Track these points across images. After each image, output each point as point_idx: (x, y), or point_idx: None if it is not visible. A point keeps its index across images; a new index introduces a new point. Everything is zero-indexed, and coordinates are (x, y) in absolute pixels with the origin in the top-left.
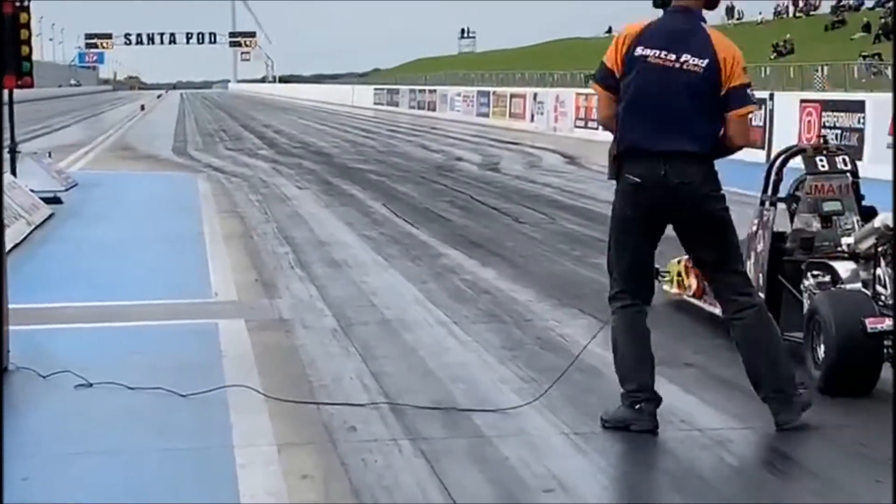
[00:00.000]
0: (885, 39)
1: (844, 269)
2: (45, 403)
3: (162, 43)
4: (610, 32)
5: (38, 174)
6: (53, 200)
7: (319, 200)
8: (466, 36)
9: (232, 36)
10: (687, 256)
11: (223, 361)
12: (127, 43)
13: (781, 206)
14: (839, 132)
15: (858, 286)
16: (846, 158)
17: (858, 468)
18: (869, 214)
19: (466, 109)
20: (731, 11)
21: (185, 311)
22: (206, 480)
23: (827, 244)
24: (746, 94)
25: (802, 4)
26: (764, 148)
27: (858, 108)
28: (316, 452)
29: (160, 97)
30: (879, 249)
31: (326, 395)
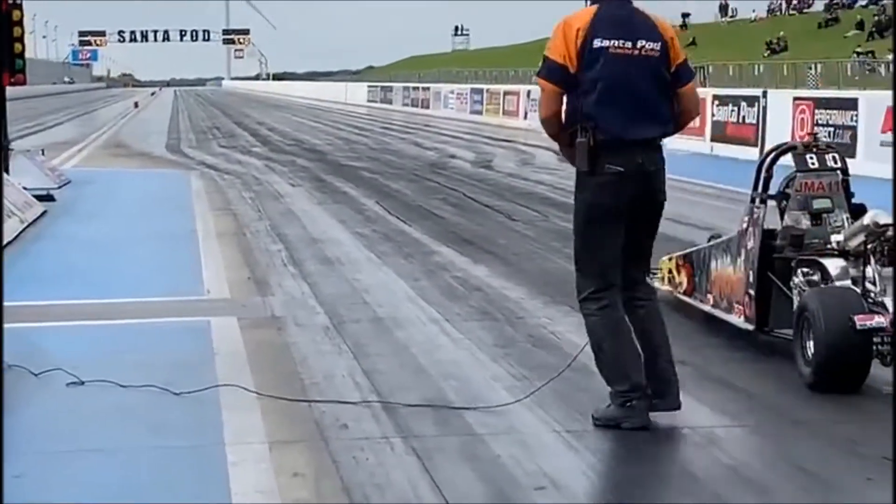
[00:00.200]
0: (878, 37)
1: (834, 266)
2: (37, 401)
3: (156, 40)
4: None
5: (31, 172)
6: (46, 198)
7: (312, 198)
8: (460, 33)
9: (226, 33)
10: (679, 253)
11: (215, 359)
12: (121, 40)
13: (772, 203)
14: (832, 129)
15: (848, 283)
16: (836, 156)
17: (849, 466)
18: (858, 212)
19: (460, 107)
20: (724, 9)
21: (177, 308)
22: (197, 478)
23: (817, 241)
24: (689, 66)
25: (796, 2)
26: (757, 145)
27: (851, 105)
28: (307, 450)
29: (154, 94)
30: (869, 247)
31: (318, 392)
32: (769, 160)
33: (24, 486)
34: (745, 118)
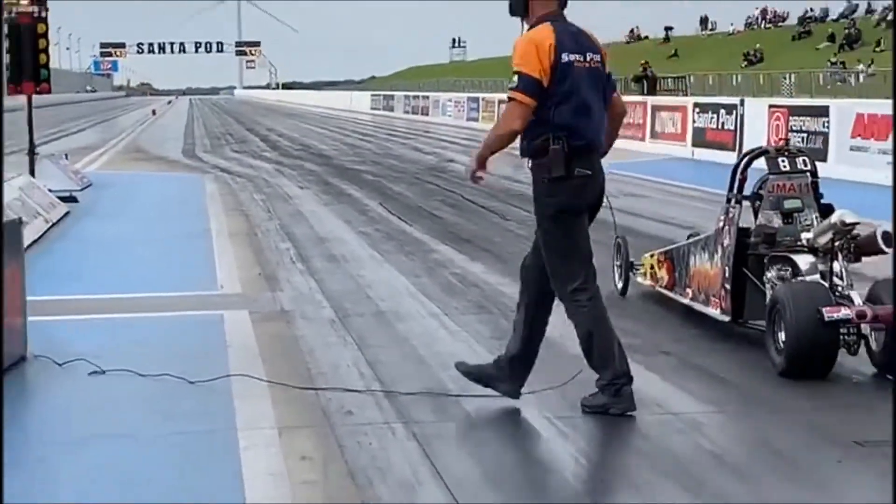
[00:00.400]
0: (848, 49)
1: (804, 262)
2: (61, 389)
3: (172, 52)
4: None
5: (55, 175)
6: (69, 199)
7: (319, 199)
8: (458, 45)
9: (238, 45)
10: (660, 250)
11: (228, 350)
12: (139, 52)
13: (746, 203)
14: (805, 135)
15: (817, 278)
16: (806, 159)
17: (821, 449)
18: (827, 211)
19: (457, 114)
20: (704, 22)
21: (192, 303)
22: (211, 461)
23: (788, 239)
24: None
25: (771, 16)
26: (735, 150)
27: (823, 112)
28: (314, 435)
29: (170, 103)
30: (836, 244)
31: (324, 381)
32: (744, 164)
33: (47, 468)
34: (724, 124)
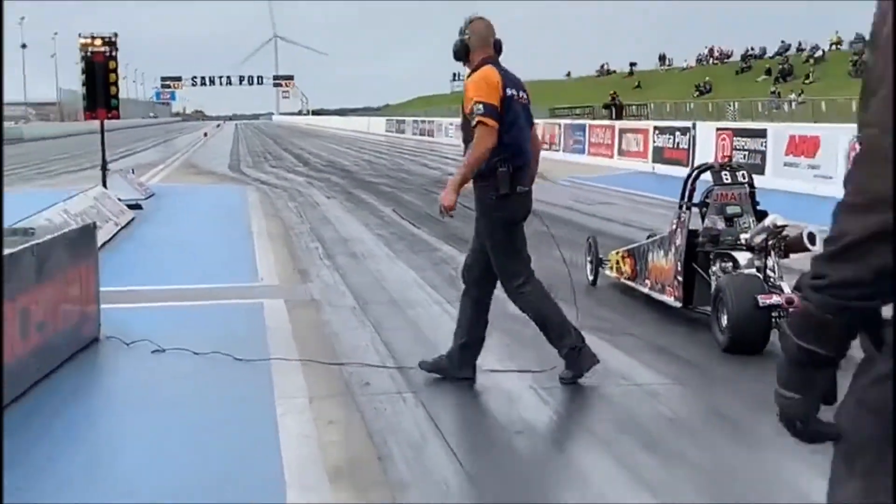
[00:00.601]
0: (783, 81)
1: (743, 258)
2: (129, 364)
3: (220, 84)
4: (569, 76)
5: (123, 186)
6: (135, 207)
7: (343, 206)
8: (457, 79)
9: (275, 79)
10: (624, 248)
11: (267, 333)
12: (193, 84)
13: (695, 209)
14: (747, 153)
15: (753, 271)
16: (745, 173)
17: (762, 417)
18: (762, 216)
19: (457, 136)
20: (663, 59)
21: (237, 293)
22: (253, 425)
23: (729, 239)
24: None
25: (718, 54)
26: (688, 165)
27: (762, 134)
28: (339, 403)
29: (219, 126)
30: (769, 243)
31: (347, 357)
32: (693, 176)
33: (121, 431)
34: (679, 144)
